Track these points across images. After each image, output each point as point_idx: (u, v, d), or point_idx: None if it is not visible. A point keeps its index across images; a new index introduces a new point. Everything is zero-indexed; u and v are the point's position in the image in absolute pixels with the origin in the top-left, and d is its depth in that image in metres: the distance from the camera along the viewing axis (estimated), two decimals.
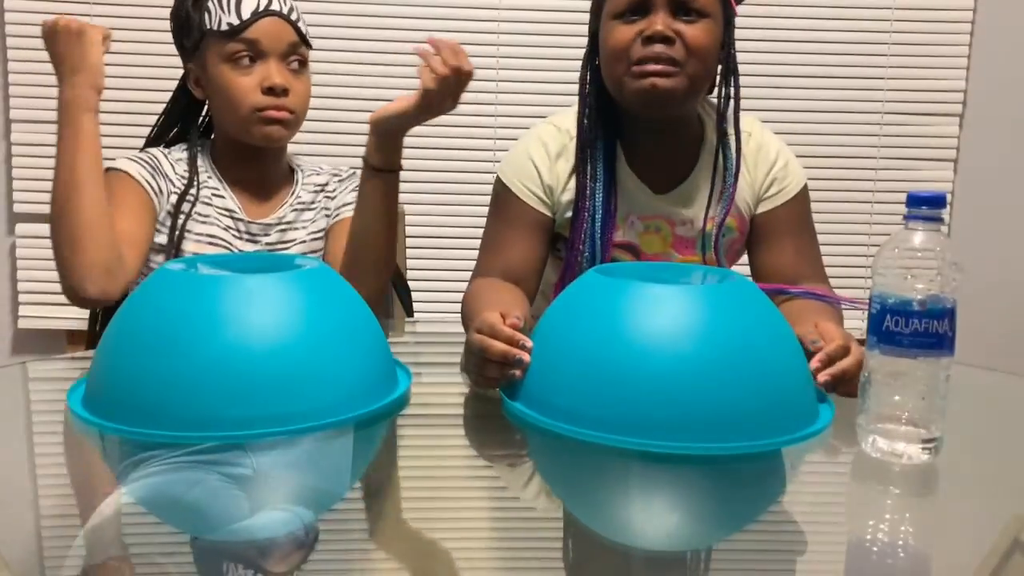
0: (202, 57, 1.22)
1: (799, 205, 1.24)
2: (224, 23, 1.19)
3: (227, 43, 1.19)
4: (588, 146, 1.18)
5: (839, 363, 0.85)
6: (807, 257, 1.24)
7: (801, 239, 1.24)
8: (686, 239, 1.21)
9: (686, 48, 1.10)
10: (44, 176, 1.99)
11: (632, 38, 1.11)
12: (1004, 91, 2.15)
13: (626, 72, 1.12)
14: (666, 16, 1.10)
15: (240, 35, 1.19)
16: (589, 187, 1.17)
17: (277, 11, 1.21)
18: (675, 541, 0.62)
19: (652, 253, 1.21)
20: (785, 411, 0.78)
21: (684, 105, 1.16)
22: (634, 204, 1.19)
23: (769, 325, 0.81)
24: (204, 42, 1.21)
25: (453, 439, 0.84)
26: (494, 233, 1.22)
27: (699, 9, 1.11)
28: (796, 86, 2.11)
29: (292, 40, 1.22)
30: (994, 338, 2.13)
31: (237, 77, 1.20)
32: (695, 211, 1.20)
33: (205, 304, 0.77)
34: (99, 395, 0.79)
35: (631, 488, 0.70)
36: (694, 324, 0.78)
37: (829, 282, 1.26)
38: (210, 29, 1.20)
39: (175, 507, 0.63)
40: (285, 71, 1.21)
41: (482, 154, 2.08)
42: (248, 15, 1.19)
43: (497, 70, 2.07)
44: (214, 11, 1.20)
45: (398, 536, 0.61)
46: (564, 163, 1.19)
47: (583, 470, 0.74)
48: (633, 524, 0.64)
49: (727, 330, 0.78)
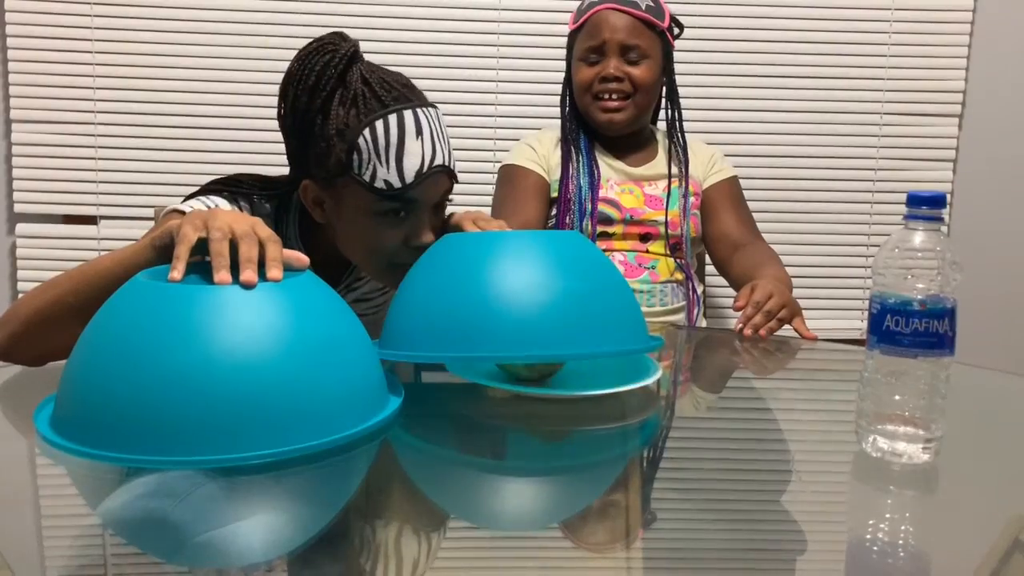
0: (337, 190, 1.06)
1: (735, 186, 1.65)
2: (381, 180, 1.02)
3: (381, 201, 1.04)
4: (572, 136, 1.59)
5: (746, 311, 1.22)
6: (748, 225, 1.62)
7: (741, 212, 1.63)
8: (655, 197, 1.59)
9: (633, 84, 1.54)
10: (44, 176, 2.01)
11: (592, 77, 1.55)
12: (1003, 91, 2.15)
13: (591, 103, 1.57)
14: (617, 60, 1.54)
15: (400, 198, 1.04)
16: (574, 158, 1.57)
17: (441, 165, 1.06)
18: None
19: (630, 207, 1.57)
20: (611, 328, 0.88)
21: (635, 126, 1.60)
22: (612, 173, 1.59)
23: (593, 263, 0.92)
24: (345, 182, 1.04)
25: (448, 447, 0.84)
26: (507, 200, 1.57)
27: (642, 53, 1.54)
28: (796, 86, 2.11)
29: (448, 188, 1.10)
30: (994, 338, 2.13)
31: (385, 230, 1.05)
32: (659, 180, 1.60)
33: (179, 317, 0.69)
34: (67, 416, 0.72)
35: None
36: (530, 261, 0.89)
37: (766, 241, 1.61)
38: (361, 178, 1.03)
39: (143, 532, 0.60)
40: (434, 221, 1.09)
41: (482, 154, 2.08)
42: (412, 178, 1.03)
43: (497, 70, 2.07)
44: (367, 158, 1.02)
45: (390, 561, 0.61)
46: (554, 148, 1.61)
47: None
48: None
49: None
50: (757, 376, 1.14)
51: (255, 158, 1.96)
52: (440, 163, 1.06)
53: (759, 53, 2.09)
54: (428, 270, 0.92)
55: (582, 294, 0.87)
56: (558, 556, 0.59)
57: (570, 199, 1.55)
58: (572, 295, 0.86)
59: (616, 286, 0.92)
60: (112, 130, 2.00)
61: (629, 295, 0.93)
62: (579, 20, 1.58)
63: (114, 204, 2.02)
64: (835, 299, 2.17)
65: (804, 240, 2.15)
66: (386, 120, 1.03)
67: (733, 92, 2.09)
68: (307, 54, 1.06)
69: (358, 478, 0.72)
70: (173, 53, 1.99)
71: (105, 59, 1.98)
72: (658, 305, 1.55)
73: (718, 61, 2.09)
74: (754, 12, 2.08)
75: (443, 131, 1.08)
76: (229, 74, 2.00)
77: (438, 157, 1.05)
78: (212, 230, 0.77)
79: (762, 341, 1.21)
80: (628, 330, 0.90)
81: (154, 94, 2.00)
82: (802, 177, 2.14)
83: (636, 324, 0.92)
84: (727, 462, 0.78)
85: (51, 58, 1.97)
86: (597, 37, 1.54)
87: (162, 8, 1.98)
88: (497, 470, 0.76)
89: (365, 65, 1.07)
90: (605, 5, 1.55)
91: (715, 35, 2.08)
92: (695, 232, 1.61)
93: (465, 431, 0.87)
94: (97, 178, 2.01)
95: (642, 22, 1.54)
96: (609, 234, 1.56)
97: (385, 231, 1.06)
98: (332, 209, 1.09)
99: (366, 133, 1.02)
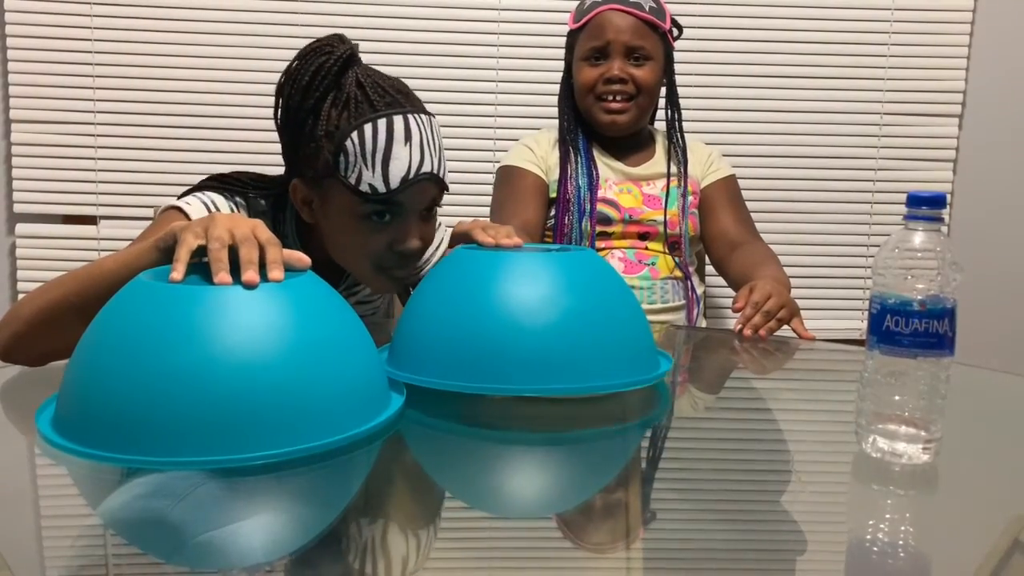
0: (324, 191, 1.07)
1: (733, 185, 1.65)
2: (366, 183, 1.02)
3: (365, 204, 1.04)
4: (570, 136, 1.58)
5: (745, 311, 1.21)
6: (746, 224, 1.62)
7: (739, 211, 1.63)
8: (653, 197, 1.59)
9: (636, 86, 1.54)
10: (44, 176, 2.01)
11: (596, 78, 1.54)
12: (1003, 91, 2.15)
13: (593, 104, 1.56)
14: (621, 61, 1.53)
15: (385, 202, 1.04)
16: (572, 158, 1.56)
17: (430, 173, 1.05)
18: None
19: (628, 207, 1.57)
20: (623, 359, 0.88)
21: (636, 127, 1.61)
22: (610, 173, 1.59)
23: (606, 287, 0.91)
24: (332, 183, 1.05)
25: (449, 447, 0.84)
26: (507, 202, 1.56)
27: (645, 54, 1.54)
28: (795, 86, 2.11)
29: (435, 195, 1.09)
30: (994, 338, 2.13)
31: (370, 234, 1.06)
32: (657, 179, 1.60)
33: (181, 317, 0.69)
34: (68, 416, 0.71)
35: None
36: (543, 286, 0.87)
37: (764, 240, 1.60)
38: (346, 180, 1.03)
39: (140, 532, 0.59)
40: (422, 227, 1.08)
41: (482, 154, 2.08)
42: (397, 184, 1.03)
43: (497, 70, 2.07)
44: (354, 160, 1.02)
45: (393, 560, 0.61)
46: (552, 149, 1.60)
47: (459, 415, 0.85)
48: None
49: (575, 292, 0.87)
50: (756, 376, 1.14)
51: (255, 158, 1.96)
52: (428, 171, 1.05)
53: (759, 53, 2.09)
54: (440, 286, 0.91)
55: (594, 325, 0.86)
56: (558, 556, 0.59)
57: (569, 199, 1.55)
58: (584, 327, 0.85)
59: (630, 311, 0.92)
60: (112, 130, 2.00)
61: (642, 320, 0.93)
62: (581, 20, 1.58)
63: (114, 204, 2.02)
64: (835, 299, 2.17)
65: (804, 240, 2.15)
66: (375, 124, 1.02)
67: (733, 92, 2.10)
68: (305, 54, 1.06)
69: (360, 478, 0.72)
70: (173, 53, 1.99)
71: (105, 59, 1.98)
72: (659, 302, 1.56)
73: (718, 61, 2.09)
74: (754, 12, 2.08)
75: (436, 139, 1.07)
76: (229, 74, 2.00)
77: (426, 164, 1.05)
78: (211, 239, 0.76)
79: (761, 341, 1.21)
80: (639, 359, 0.91)
81: (154, 94, 2.00)
82: (802, 177, 2.14)
83: (647, 351, 0.93)
84: (727, 462, 0.78)
85: (51, 58, 1.97)
86: (601, 38, 1.54)
87: (162, 8, 1.98)
88: (499, 470, 0.76)
89: (362, 69, 1.07)
90: (609, 6, 1.54)
91: (715, 35, 2.08)
92: (694, 231, 1.61)
93: (466, 430, 0.87)
94: (97, 178, 2.01)
95: (645, 23, 1.54)
96: (608, 234, 1.57)
97: (370, 234, 1.06)
98: (319, 209, 1.09)
99: (354, 136, 1.02)
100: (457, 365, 0.85)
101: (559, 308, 0.85)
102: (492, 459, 0.80)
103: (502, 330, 0.84)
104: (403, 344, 0.91)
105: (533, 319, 0.84)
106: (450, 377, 0.85)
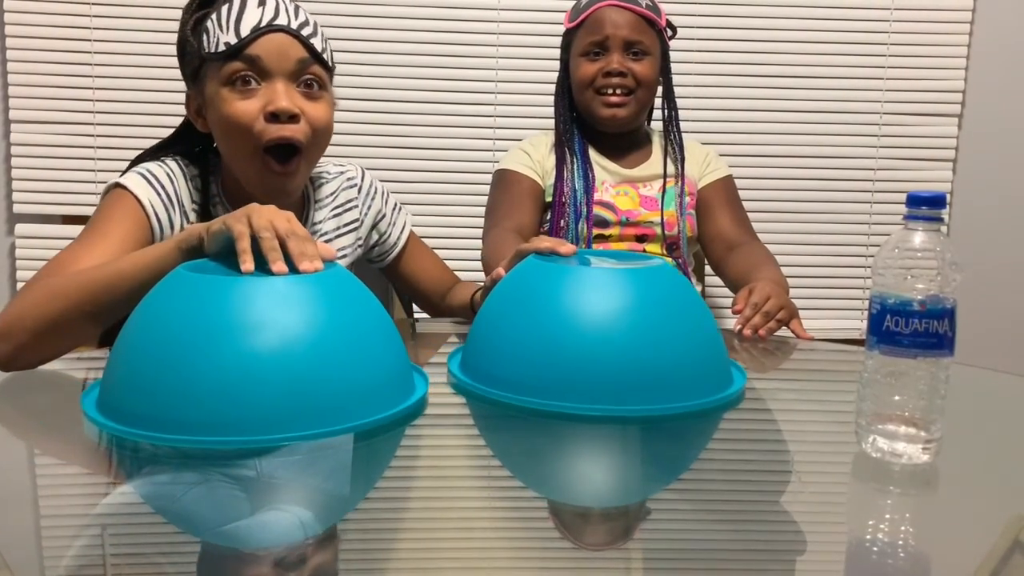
0: (202, 83, 1.10)
1: (730, 185, 1.65)
2: (222, 43, 1.05)
3: (225, 64, 1.05)
4: (566, 137, 1.58)
5: (744, 312, 1.21)
6: (743, 225, 1.61)
7: (736, 212, 1.62)
8: (650, 198, 1.59)
9: (636, 80, 1.54)
10: (44, 176, 2.01)
11: (595, 72, 1.54)
12: (1003, 91, 2.15)
13: (593, 98, 1.55)
14: (620, 55, 1.53)
15: (240, 54, 1.05)
16: (568, 161, 1.56)
17: (283, 26, 1.06)
18: (619, 494, 0.67)
19: (625, 209, 1.57)
20: (700, 377, 0.89)
21: (635, 123, 1.61)
22: (606, 175, 1.59)
23: (684, 302, 0.91)
24: (204, 67, 1.09)
25: (462, 440, 0.84)
26: (502, 204, 1.55)
27: (644, 49, 1.54)
28: (795, 86, 2.11)
29: (301, 56, 1.07)
30: (994, 338, 2.13)
31: (236, 100, 1.06)
32: (654, 181, 1.60)
33: (219, 307, 0.75)
34: (112, 400, 0.78)
35: (567, 448, 0.78)
36: (618, 301, 0.88)
37: (761, 241, 1.60)
38: (208, 52, 1.07)
39: (173, 505, 0.62)
40: (295, 93, 1.07)
41: (481, 154, 2.08)
42: (248, 32, 1.05)
43: (497, 70, 2.07)
44: (212, 31, 1.07)
45: (414, 542, 0.61)
46: (548, 153, 1.60)
47: (525, 434, 0.84)
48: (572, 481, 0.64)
49: (648, 306, 0.88)
50: (756, 376, 1.14)
51: None
52: (283, 23, 1.06)
53: (759, 53, 2.09)
54: (516, 297, 0.93)
55: (672, 346, 0.87)
56: (558, 556, 0.59)
57: (564, 202, 1.55)
58: (662, 348, 0.86)
59: (707, 329, 0.92)
60: (111, 130, 2.00)
61: (717, 339, 0.94)
62: (578, 18, 1.58)
63: None
64: (835, 299, 2.17)
65: (803, 240, 2.15)
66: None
67: (733, 92, 2.10)
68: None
69: (385, 462, 0.75)
70: (172, 53, 1.98)
71: (104, 59, 1.98)
72: None
73: (718, 61, 2.09)
74: (754, 12, 2.08)
75: (299, 8, 1.11)
76: None
77: (280, 18, 1.07)
78: (260, 229, 0.83)
79: (761, 341, 1.21)
80: (714, 378, 0.92)
81: (153, 94, 2.00)
82: (802, 177, 2.14)
83: (721, 370, 0.94)
84: (727, 462, 0.78)
85: (50, 58, 1.97)
86: (599, 32, 1.54)
87: (162, 8, 1.98)
88: (511, 462, 0.77)
89: None
90: (606, 2, 1.54)
91: (714, 35, 2.08)
92: (691, 232, 1.61)
93: (484, 418, 0.87)
94: (96, 178, 2.01)
95: (643, 19, 1.55)
96: (606, 236, 1.57)
97: (239, 102, 1.06)
98: (206, 110, 1.11)
99: (213, 16, 1.08)
100: (534, 382, 0.86)
101: (639, 328, 0.86)
102: (508, 451, 0.80)
103: (581, 349, 0.85)
104: (476, 350, 0.94)
105: (612, 338, 0.85)
106: (525, 393, 0.86)
